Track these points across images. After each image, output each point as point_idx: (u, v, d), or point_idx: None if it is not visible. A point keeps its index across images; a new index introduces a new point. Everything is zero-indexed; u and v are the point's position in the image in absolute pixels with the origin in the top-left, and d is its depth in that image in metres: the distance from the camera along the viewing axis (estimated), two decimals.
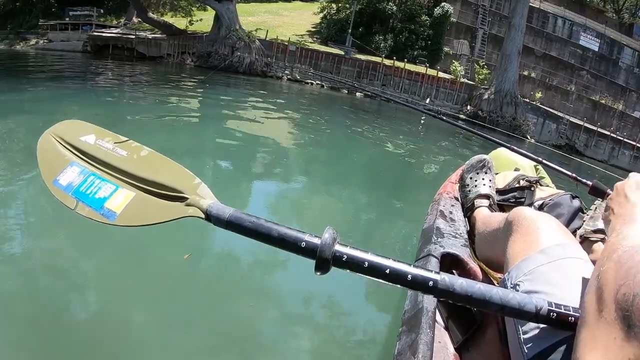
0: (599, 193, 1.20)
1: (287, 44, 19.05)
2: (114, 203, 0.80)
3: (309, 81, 18.18)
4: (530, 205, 1.45)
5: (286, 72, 18.75)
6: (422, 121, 12.45)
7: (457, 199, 1.55)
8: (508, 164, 1.96)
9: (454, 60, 20.33)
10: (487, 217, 1.26)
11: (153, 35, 20.18)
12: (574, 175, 1.48)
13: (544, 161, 1.73)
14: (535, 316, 0.64)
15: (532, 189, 1.52)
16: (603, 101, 21.80)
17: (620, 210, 0.67)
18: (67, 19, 21.83)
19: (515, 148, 1.86)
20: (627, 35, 24.86)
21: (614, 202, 0.73)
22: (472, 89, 19.28)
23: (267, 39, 19.23)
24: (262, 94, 12.71)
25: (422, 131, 10.06)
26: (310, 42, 20.93)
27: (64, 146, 0.91)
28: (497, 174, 1.67)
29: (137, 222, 0.78)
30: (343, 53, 19.50)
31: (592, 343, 0.49)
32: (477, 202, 1.43)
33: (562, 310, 0.64)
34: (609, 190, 1.19)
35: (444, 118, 2.31)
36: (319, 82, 18.01)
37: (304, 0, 30.54)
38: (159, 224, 0.77)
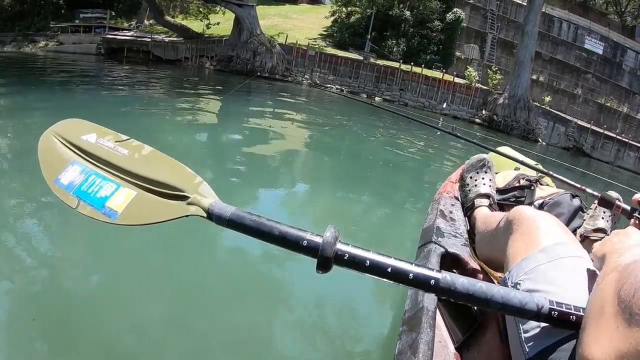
0: (607, 204, 1.21)
1: (305, 48, 19.21)
2: (115, 202, 0.79)
3: (329, 85, 18.52)
4: (530, 204, 1.45)
5: (306, 76, 18.97)
6: (440, 123, 12.34)
7: (457, 198, 1.55)
8: (508, 163, 1.96)
9: (467, 66, 20.41)
10: (487, 217, 1.26)
11: (169, 39, 20.09)
12: (582, 187, 1.48)
13: (554, 175, 1.72)
14: (536, 315, 0.64)
15: (532, 188, 1.52)
16: (608, 104, 21.79)
17: (622, 240, 0.72)
18: (77, 21, 21.61)
19: (526, 161, 1.86)
20: (629, 37, 24.76)
21: (614, 236, 0.77)
22: (487, 94, 19.40)
23: (286, 43, 19.37)
24: (282, 97, 12.82)
25: (437, 134, 10.02)
26: (324, 46, 21.02)
27: (65, 145, 0.90)
28: (497, 173, 1.67)
29: (139, 222, 0.77)
30: (361, 58, 19.61)
31: (597, 334, 0.53)
32: (477, 201, 1.43)
33: (564, 309, 0.64)
34: (617, 202, 1.20)
35: (458, 135, 2.31)
36: (338, 87, 18.22)
37: (311, 2, 30.58)
38: (160, 223, 0.76)
